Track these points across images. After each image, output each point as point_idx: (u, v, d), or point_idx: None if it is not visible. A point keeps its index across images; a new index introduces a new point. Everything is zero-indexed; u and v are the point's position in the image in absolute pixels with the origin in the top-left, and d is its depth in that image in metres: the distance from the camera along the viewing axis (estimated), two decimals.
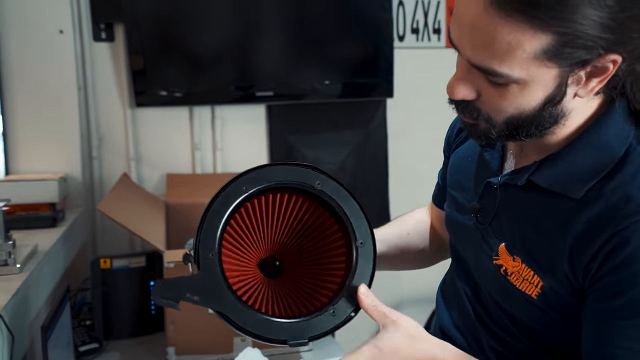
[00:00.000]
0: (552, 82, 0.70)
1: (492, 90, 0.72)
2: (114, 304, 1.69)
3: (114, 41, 2.08)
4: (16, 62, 1.91)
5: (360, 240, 0.87)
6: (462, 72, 0.74)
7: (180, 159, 2.19)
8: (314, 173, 0.87)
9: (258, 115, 2.24)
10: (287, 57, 2.17)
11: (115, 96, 2.11)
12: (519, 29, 0.65)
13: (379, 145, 2.32)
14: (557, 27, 0.64)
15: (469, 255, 0.92)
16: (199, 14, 2.05)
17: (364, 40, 2.21)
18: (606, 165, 0.74)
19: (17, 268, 1.29)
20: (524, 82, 0.70)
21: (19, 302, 1.22)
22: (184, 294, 0.80)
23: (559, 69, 0.69)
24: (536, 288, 0.78)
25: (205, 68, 2.12)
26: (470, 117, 0.77)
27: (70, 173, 1.98)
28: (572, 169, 0.76)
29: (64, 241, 1.67)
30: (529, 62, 0.67)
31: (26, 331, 1.28)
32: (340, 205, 0.87)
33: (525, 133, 0.75)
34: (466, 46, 0.70)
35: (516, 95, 0.71)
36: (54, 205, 1.75)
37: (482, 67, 0.70)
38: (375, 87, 2.23)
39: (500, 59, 0.68)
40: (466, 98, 0.75)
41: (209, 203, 0.84)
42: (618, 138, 0.75)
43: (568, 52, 0.66)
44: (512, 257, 0.81)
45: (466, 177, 0.94)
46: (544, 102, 0.72)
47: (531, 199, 0.80)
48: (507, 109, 0.73)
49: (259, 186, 0.85)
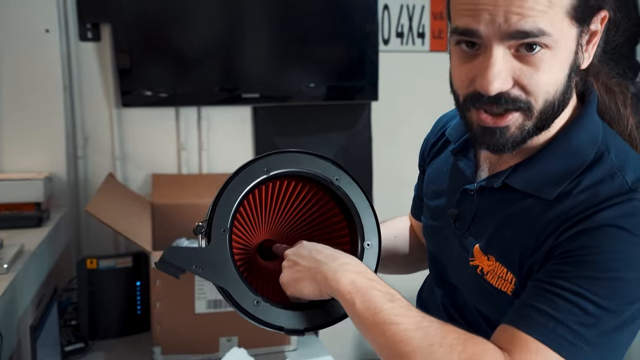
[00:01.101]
0: (573, 45, 0.75)
1: (527, 68, 0.74)
2: (100, 304, 1.70)
3: (100, 41, 2.08)
4: (1, 61, 1.90)
5: (368, 241, 0.88)
6: (492, 62, 0.74)
7: (166, 159, 2.20)
8: (335, 168, 0.88)
9: (244, 117, 2.25)
10: (273, 59, 2.19)
11: (101, 96, 2.11)
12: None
13: (364, 147, 2.36)
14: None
15: (447, 260, 0.95)
16: (185, 14, 2.06)
17: (349, 43, 2.23)
18: (577, 168, 0.78)
19: (4, 268, 1.29)
20: (556, 45, 0.73)
21: (7, 302, 1.22)
22: (191, 264, 0.81)
23: (577, 29, 0.74)
24: (510, 284, 0.82)
25: (191, 69, 2.13)
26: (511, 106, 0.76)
27: (55, 172, 1.97)
28: (546, 171, 0.80)
29: (49, 241, 1.67)
30: (562, 20, 0.72)
31: (13, 331, 1.28)
32: (355, 205, 0.88)
33: (552, 120, 0.79)
34: (507, 19, 0.71)
35: (550, 63, 0.74)
36: (39, 204, 1.75)
37: (530, 29, 0.71)
38: (361, 90, 2.26)
39: (544, 16, 0.71)
40: (503, 89, 0.74)
41: (229, 178, 0.84)
42: (588, 143, 0.80)
43: (585, 5, 0.73)
44: (486, 256, 0.85)
45: (442, 186, 0.97)
46: (570, 71, 0.76)
47: (505, 200, 0.84)
48: (547, 83, 0.75)
49: (281, 170, 0.86)
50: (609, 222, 0.73)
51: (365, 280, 0.79)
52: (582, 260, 0.73)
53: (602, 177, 0.77)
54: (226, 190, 0.84)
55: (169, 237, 1.92)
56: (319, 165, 0.87)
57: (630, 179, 0.76)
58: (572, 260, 0.74)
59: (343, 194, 0.88)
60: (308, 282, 0.82)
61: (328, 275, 0.80)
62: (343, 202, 0.89)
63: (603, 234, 0.73)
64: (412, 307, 0.78)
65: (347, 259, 0.83)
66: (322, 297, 0.82)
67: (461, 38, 0.76)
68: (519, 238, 0.80)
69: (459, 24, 0.75)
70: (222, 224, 0.82)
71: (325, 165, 0.87)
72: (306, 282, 0.82)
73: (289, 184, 0.89)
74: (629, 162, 0.79)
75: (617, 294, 0.72)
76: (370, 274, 0.81)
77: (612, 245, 0.73)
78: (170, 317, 1.53)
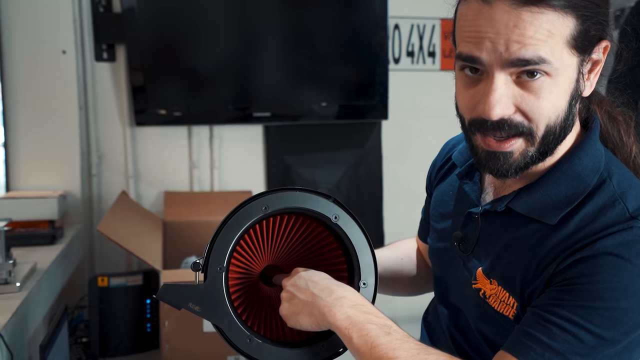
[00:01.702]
0: (574, 74, 0.76)
1: (528, 95, 0.75)
2: (110, 322, 1.72)
3: (115, 61, 2.12)
4: (20, 81, 1.96)
5: (364, 280, 0.88)
6: (493, 88, 0.75)
7: (178, 177, 2.23)
8: (333, 205, 0.88)
9: (255, 135, 2.28)
10: (285, 79, 2.22)
11: (115, 115, 2.15)
12: (552, 16, 0.72)
13: (374, 165, 2.37)
14: (576, 9, 0.73)
15: (451, 282, 0.96)
16: (198, 35, 2.10)
17: (360, 63, 2.25)
18: (579, 194, 0.79)
19: (17, 287, 1.32)
20: (556, 73, 0.74)
21: (18, 320, 1.24)
22: (186, 302, 0.83)
23: (577, 58, 0.76)
24: (512, 309, 0.82)
25: (204, 88, 2.16)
26: (514, 132, 0.77)
27: (70, 190, 2.01)
28: (548, 196, 0.81)
29: (62, 259, 1.70)
30: (562, 50, 0.74)
31: (25, 349, 1.30)
32: (352, 243, 0.88)
33: (554, 146, 0.80)
34: (508, 48, 0.73)
35: (550, 91, 0.75)
36: (53, 222, 1.78)
37: (529, 57, 0.73)
38: (371, 109, 2.27)
39: (544, 43, 0.72)
40: (505, 114, 0.76)
41: (227, 216, 0.85)
42: (590, 169, 0.80)
43: (585, 36, 0.74)
44: (489, 280, 0.85)
45: (448, 209, 0.98)
46: (570, 99, 0.77)
47: (508, 224, 0.85)
48: (547, 110, 0.76)
49: (278, 208, 0.86)
50: (608, 250, 0.74)
51: (361, 314, 0.80)
52: (580, 288, 0.74)
53: (604, 204, 0.77)
54: (224, 229, 0.85)
55: (180, 254, 1.95)
56: (318, 202, 0.87)
57: (632, 206, 0.77)
58: (570, 288, 0.74)
59: (341, 231, 0.88)
60: (306, 316, 0.83)
61: (324, 310, 0.81)
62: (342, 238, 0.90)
63: (602, 263, 0.73)
64: (409, 338, 0.79)
65: (343, 292, 0.83)
66: (320, 329, 0.84)
67: (464, 64, 0.78)
68: (521, 263, 0.81)
69: (463, 51, 0.76)
70: (218, 262, 0.84)
71: (324, 202, 0.87)
72: (304, 316, 0.83)
73: (289, 219, 0.90)
74: (631, 189, 0.80)
75: (614, 323, 0.72)
76: (366, 306, 0.82)
77: (609, 275, 0.73)
78: (179, 336, 1.55)
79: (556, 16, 0.72)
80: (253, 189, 2.28)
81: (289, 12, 2.18)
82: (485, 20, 0.73)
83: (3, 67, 1.94)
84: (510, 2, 0.72)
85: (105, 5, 2.08)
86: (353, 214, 0.89)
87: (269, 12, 2.17)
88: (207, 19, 2.09)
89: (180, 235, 2.02)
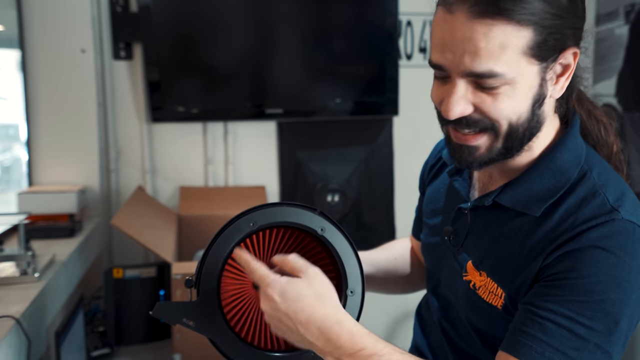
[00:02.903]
0: (535, 80, 0.79)
1: (487, 98, 0.79)
2: (125, 312, 1.78)
3: (132, 59, 2.19)
4: (41, 80, 2.03)
5: (351, 289, 0.90)
6: (455, 93, 0.80)
7: (193, 173, 2.29)
8: (319, 218, 0.90)
9: (269, 131, 2.32)
10: (298, 76, 2.25)
11: (132, 112, 2.21)
12: (505, 28, 0.75)
13: (386, 161, 2.39)
14: (532, 21, 0.75)
15: (442, 275, 0.99)
16: (213, 33, 2.14)
17: (371, 60, 2.28)
18: (561, 187, 0.83)
19: (36, 277, 1.38)
20: (513, 81, 0.78)
21: (36, 309, 1.30)
22: (180, 318, 0.87)
23: (539, 66, 0.78)
24: (500, 299, 0.85)
25: (219, 86, 2.20)
26: (475, 129, 0.81)
27: (89, 185, 2.08)
28: (532, 190, 0.84)
29: (80, 251, 1.76)
30: (519, 59, 0.76)
31: (42, 336, 1.36)
32: (339, 253, 0.91)
33: (520, 144, 0.83)
34: (462, 60, 0.77)
35: (509, 96, 0.79)
36: (72, 216, 1.85)
37: (480, 71, 0.77)
38: (382, 106, 2.30)
39: (496, 57, 0.76)
40: (463, 113, 0.80)
41: (217, 234, 0.89)
42: (572, 162, 0.84)
43: (545, 45, 0.77)
44: (478, 272, 0.89)
45: (440, 206, 1.02)
46: (533, 102, 0.80)
47: (496, 218, 0.88)
48: (506, 113, 0.80)
49: (266, 223, 0.89)
50: (594, 243, 0.77)
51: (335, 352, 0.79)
52: (569, 283, 0.77)
53: (585, 195, 0.81)
54: (214, 246, 0.88)
55: (195, 247, 2.00)
56: (304, 216, 0.90)
57: (612, 197, 0.80)
58: (560, 283, 0.77)
59: (328, 242, 0.91)
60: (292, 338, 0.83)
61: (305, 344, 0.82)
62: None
63: (588, 256, 0.76)
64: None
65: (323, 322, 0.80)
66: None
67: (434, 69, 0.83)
68: (509, 255, 0.84)
69: (432, 58, 0.82)
70: (210, 279, 0.88)
71: (310, 215, 0.90)
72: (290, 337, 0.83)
73: (278, 232, 0.92)
74: (610, 181, 0.83)
75: (604, 315, 0.76)
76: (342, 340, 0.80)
77: (597, 268, 0.76)
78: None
79: (510, 28, 0.75)
80: (266, 184, 2.32)
81: (304, 9, 2.22)
82: (447, 30, 0.78)
83: (26, 66, 2.01)
84: (468, 13, 0.76)
85: (123, 5, 2.14)
86: (339, 225, 0.91)
87: (284, 10, 2.20)
88: (222, 17, 2.13)
89: (195, 229, 2.07)
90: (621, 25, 2.17)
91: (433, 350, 1.01)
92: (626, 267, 0.76)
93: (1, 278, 1.35)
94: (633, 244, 0.77)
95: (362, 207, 2.37)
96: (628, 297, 0.76)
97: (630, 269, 0.76)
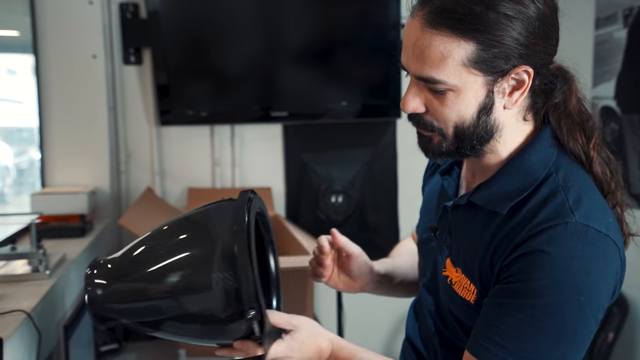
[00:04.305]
0: (481, 90, 0.83)
1: (435, 101, 0.85)
2: None
3: (142, 64, 2.25)
4: (54, 85, 2.09)
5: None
6: (411, 89, 0.87)
7: (201, 174, 2.34)
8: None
9: (274, 134, 2.38)
10: (304, 79, 2.30)
11: (142, 115, 2.28)
12: (447, 40, 0.80)
13: (389, 162, 2.43)
14: (475, 37, 0.79)
15: (430, 269, 1.04)
16: (221, 38, 2.20)
17: (376, 63, 2.32)
18: (528, 186, 0.86)
19: (47, 274, 1.44)
20: (457, 88, 0.83)
21: (47, 304, 1.36)
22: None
23: (484, 77, 0.82)
24: (473, 294, 0.90)
25: (226, 90, 2.26)
26: (425, 130, 0.89)
27: (100, 186, 2.14)
28: (502, 189, 0.88)
29: (91, 250, 1.82)
30: (459, 69, 0.81)
31: (53, 331, 1.42)
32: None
33: (469, 145, 0.87)
34: (411, 63, 0.84)
35: (454, 102, 0.84)
36: (83, 216, 1.91)
37: (424, 76, 0.83)
38: (385, 108, 2.33)
39: (437, 67, 0.81)
40: (416, 111, 0.87)
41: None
42: (540, 164, 0.87)
43: (489, 59, 0.81)
44: (455, 268, 0.94)
45: (433, 204, 1.06)
46: (479, 110, 0.85)
47: (472, 216, 0.92)
48: (451, 116, 0.85)
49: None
50: (539, 247, 0.80)
51: None
52: (520, 286, 0.81)
53: (547, 195, 0.84)
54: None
55: None
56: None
57: (572, 198, 0.83)
58: (512, 286, 0.82)
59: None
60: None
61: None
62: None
63: (536, 260, 0.80)
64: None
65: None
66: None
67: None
68: (479, 253, 0.89)
69: (401, 58, 0.88)
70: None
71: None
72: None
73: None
74: (576, 182, 0.85)
75: (552, 317, 0.79)
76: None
77: (541, 272, 0.80)
78: None
79: (451, 40, 0.80)
80: (272, 186, 2.37)
81: (309, 14, 2.26)
82: (406, 33, 0.85)
83: (39, 72, 2.08)
84: (421, 21, 0.82)
85: (133, 11, 2.20)
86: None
87: (290, 15, 2.25)
88: (229, 22, 2.19)
89: None
90: (620, 29, 2.20)
91: (423, 341, 1.06)
92: (572, 270, 0.79)
93: (14, 275, 1.41)
94: (583, 247, 0.80)
95: (366, 209, 2.41)
96: (574, 299, 0.79)
97: (577, 272, 0.79)
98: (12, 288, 1.34)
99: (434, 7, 0.81)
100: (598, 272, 0.81)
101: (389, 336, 2.51)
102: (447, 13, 0.80)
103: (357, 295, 1.21)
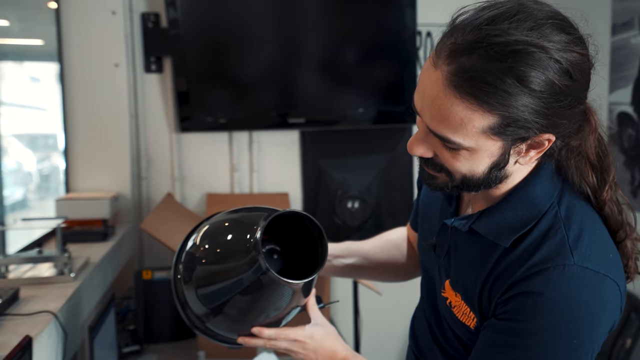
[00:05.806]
0: (497, 152, 0.80)
1: (447, 153, 0.81)
2: (154, 311, 1.87)
3: (162, 72, 2.30)
4: (77, 93, 2.14)
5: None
6: (421, 133, 0.83)
7: (220, 180, 2.38)
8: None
9: (292, 140, 2.41)
10: (322, 86, 2.33)
11: (162, 122, 2.32)
12: (470, 108, 0.75)
13: (405, 168, 2.45)
14: (501, 111, 0.75)
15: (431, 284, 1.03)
16: (240, 46, 2.23)
17: (393, 70, 2.34)
18: (531, 219, 0.84)
19: (72, 277, 1.48)
20: (473, 150, 0.79)
21: (72, 306, 1.40)
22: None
23: (502, 142, 0.79)
24: (473, 321, 0.89)
25: (245, 97, 2.30)
26: (433, 170, 0.85)
27: (122, 192, 2.19)
28: (504, 220, 0.86)
29: (113, 254, 1.86)
30: (478, 135, 0.77)
31: (78, 331, 1.46)
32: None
33: (475, 190, 0.86)
34: (426, 115, 0.79)
35: (467, 159, 0.81)
36: (105, 221, 1.95)
37: (439, 134, 0.79)
38: (401, 115, 2.36)
39: (454, 130, 0.77)
40: (424, 156, 0.83)
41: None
42: (543, 196, 0.85)
43: (510, 131, 0.77)
44: (455, 292, 0.93)
45: (432, 212, 1.04)
46: (490, 167, 0.82)
47: (472, 244, 0.90)
48: (461, 170, 0.82)
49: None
50: (534, 289, 0.79)
51: None
52: (512, 325, 0.81)
53: (547, 230, 0.82)
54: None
55: None
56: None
57: (573, 234, 0.81)
58: (505, 324, 0.82)
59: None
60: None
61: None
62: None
63: (530, 302, 0.79)
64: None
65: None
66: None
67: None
68: (478, 283, 0.88)
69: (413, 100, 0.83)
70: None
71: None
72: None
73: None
74: (577, 215, 0.83)
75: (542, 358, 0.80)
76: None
77: (535, 314, 0.79)
78: None
79: (475, 109, 0.75)
80: (289, 191, 2.41)
81: (326, 21, 2.30)
82: (426, 81, 0.79)
83: (64, 80, 2.14)
84: (445, 77, 0.76)
85: (154, 21, 2.25)
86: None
87: (307, 22, 2.29)
88: (247, 31, 2.23)
89: None
90: (637, 35, 2.20)
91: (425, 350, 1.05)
92: (568, 315, 0.78)
93: (40, 277, 1.45)
94: (579, 291, 0.78)
95: (382, 214, 2.43)
96: (568, 342, 0.78)
97: (572, 317, 0.78)
98: (39, 290, 1.39)
99: (462, 69, 0.74)
100: (595, 315, 0.79)
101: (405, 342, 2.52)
102: (476, 81, 0.74)
103: (374, 301, 1.23)
